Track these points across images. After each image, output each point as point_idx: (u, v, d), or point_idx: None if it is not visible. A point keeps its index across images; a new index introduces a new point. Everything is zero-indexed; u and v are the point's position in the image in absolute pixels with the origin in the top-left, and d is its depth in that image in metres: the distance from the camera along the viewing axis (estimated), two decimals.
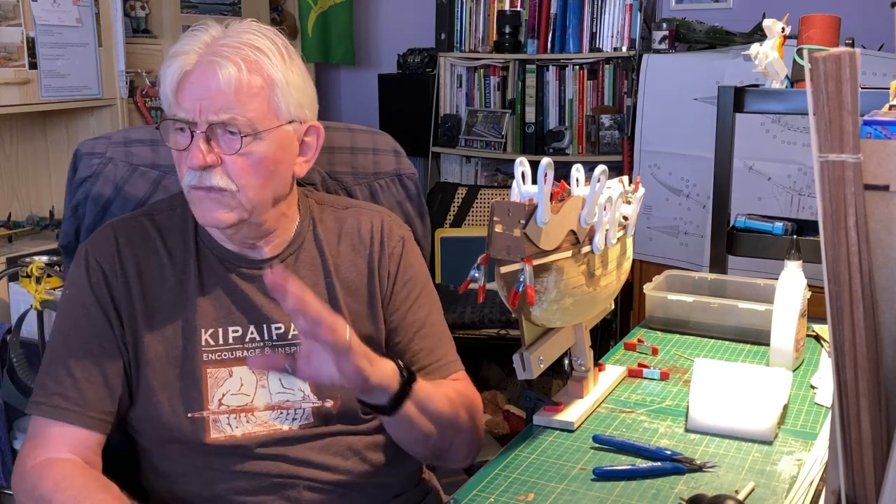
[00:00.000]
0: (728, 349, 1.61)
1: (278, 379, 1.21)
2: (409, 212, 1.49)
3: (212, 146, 1.13)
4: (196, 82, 1.13)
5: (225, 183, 1.14)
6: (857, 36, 1.90)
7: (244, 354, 1.21)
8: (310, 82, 1.23)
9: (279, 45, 1.18)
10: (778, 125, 2.89)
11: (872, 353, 0.68)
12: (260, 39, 1.17)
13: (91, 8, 2.77)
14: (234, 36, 1.16)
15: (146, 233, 1.24)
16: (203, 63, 1.13)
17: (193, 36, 1.17)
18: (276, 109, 1.16)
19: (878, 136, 0.67)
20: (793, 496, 1.08)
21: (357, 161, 1.47)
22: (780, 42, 1.82)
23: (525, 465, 1.18)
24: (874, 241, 0.68)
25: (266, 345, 1.22)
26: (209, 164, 1.13)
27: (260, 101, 1.14)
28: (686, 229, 3.19)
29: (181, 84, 1.14)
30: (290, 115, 1.18)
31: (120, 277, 1.20)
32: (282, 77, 1.16)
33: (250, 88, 1.13)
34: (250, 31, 1.18)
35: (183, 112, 1.13)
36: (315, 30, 4.00)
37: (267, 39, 1.18)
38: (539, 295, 1.16)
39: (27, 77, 2.61)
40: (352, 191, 1.45)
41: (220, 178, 1.14)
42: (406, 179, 1.49)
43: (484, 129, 3.78)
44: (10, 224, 2.80)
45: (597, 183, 1.23)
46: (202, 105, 1.12)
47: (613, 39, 3.54)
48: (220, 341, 1.21)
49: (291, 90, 1.17)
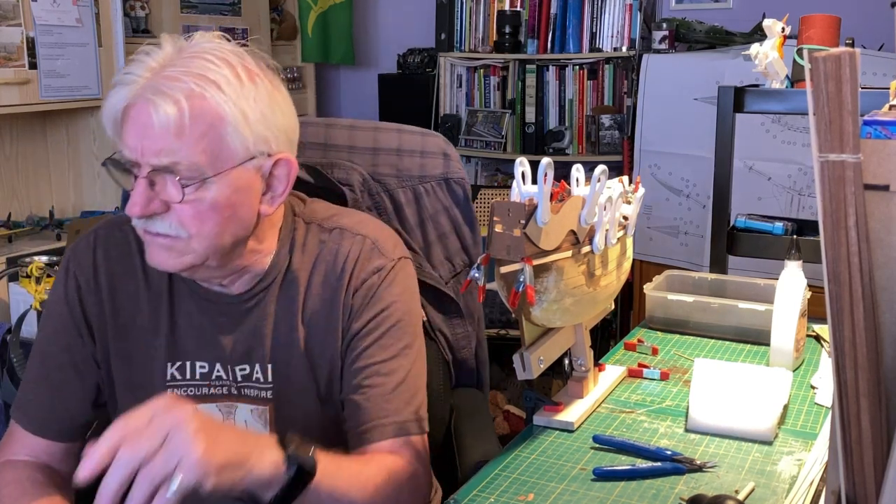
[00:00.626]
0: (728, 349, 1.61)
1: (244, 421, 1.15)
2: (457, 218, 1.45)
3: (156, 191, 1.02)
4: (136, 120, 1.00)
5: (173, 230, 1.04)
6: (857, 36, 1.90)
7: (211, 392, 1.16)
8: (282, 107, 1.09)
9: (238, 71, 1.04)
10: (778, 125, 2.89)
11: (872, 353, 0.68)
12: (212, 66, 1.02)
13: (91, 8, 2.77)
14: (183, 62, 1.02)
15: (127, 247, 1.18)
16: (142, 99, 1.00)
17: (139, 61, 1.03)
18: (228, 149, 1.02)
19: (879, 136, 0.67)
20: (793, 496, 1.08)
21: (403, 163, 1.43)
22: (780, 42, 1.82)
23: (525, 465, 1.18)
24: (874, 241, 0.68)
25: (231, 385, 1.16)
26: (151, 213, 1.02)
27: (208, 142, 1.00)
28: (686, 229, 3.19)
29: (124, 118, 1.02)
30: (250, 151, 1.04)
31: (94, 293, 1.16)
32: (236, 112, 1.01)
33: (194, 129, 0.99)
34: (204, 55, 1.03)
35: (127, 150, 1.02)
36: (315, 30, 4.00)
37: (223, 64, 1.03)
38: (539, 295, 1.16)
39: (27, 77, 2.61)
40: (395, 194, 1.42)
41: (168, 226, 1.04)
42: (454, 184, 1.44)
43: (484, 129, 3.78)
44: (10, 224, 2.80)
45: (597, 183, 1.23)
46: (143, 146, 1.00)
47: (613, 39, 3.54)
48: (187, 376, 1.15)
49: (250, 124, 1.03)
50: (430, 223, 1.46)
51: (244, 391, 1.16)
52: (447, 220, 1.45)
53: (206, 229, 1.04)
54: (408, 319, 1.17)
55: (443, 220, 1.46)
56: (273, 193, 1.10)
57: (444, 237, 1.47)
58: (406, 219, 1.44)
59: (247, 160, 1.04)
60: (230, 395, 1.16)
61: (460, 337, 1.50)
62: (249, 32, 3.55)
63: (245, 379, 1.15)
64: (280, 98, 1.08)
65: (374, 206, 1.43)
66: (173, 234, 1.04)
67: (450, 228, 1.48)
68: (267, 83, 1.07)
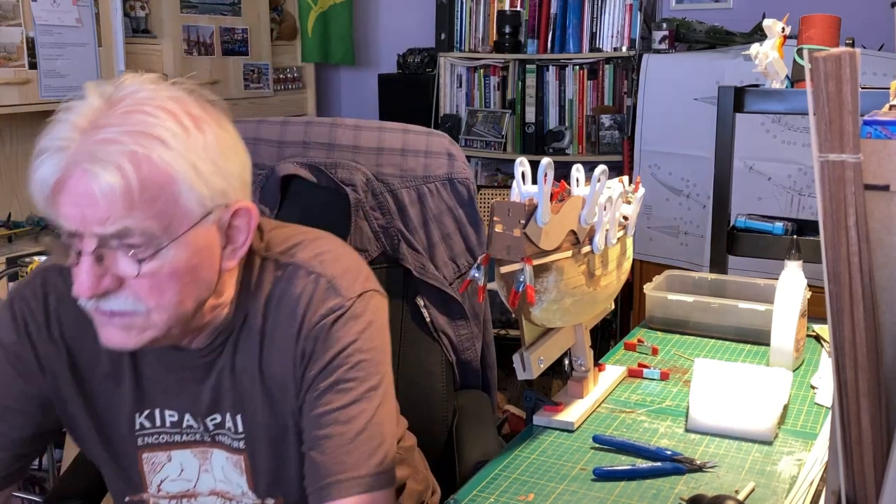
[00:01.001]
0: (728, 349, 1.61)
1: (220, 467, 1.09)
2: (462, 219, 1.45)
3: (106, 265, 0.90)
4: (73, 191, 0.88)
5: (130, 306, 0.93)
6: (857, 36, 1.90)
7: (183, 439, 1.09)
8: (234, 150, 0.98)
9: (182, 120, 0.92)
10: (778, 125, 2.89)
11: (873, 353, 0.68)
12: (153, 119, 0.90)
13: (91, 8, 2.77)
14: (119, 119, 0.90)
15: None
16: (78, 169, 0.88)
17: (64, 121, 0.91)
18: (184, 210, 0.92)
19: (879, 136, 0.67)
20: (793, 496, 1.08)
21: (407, 163, 1.42)
22: (780, 42, 1.82)
23: (525, 465, 1.18)
24: (874, 241, 0.68)
25: (204, 433, 1.08)
26: (103, 292, 0.91)
27: (160, 206, 0.90)
28: (686, 229, 3.19)
29: (57, 190, 0.89)
30: (206, 207, 0.94)
31: (48, 343, 1.07)
32: (187, 168, 0.91)
33: (144, 195, 0.88)
34: (141, 107, 0.91)
35: (63, 220, 0.90)
36: (315, 30, 4.00)
37: (164, 115, 0.91)
38: (539, 295, 1.16)
39: (27, 77, 2.61)
40: (398, 194, 1.42)
41: (123, 302, 0.93)
42: (458, 184, 1.44)
43: (484, 129, 3.78)
44: (10, 224, 2.80)
45: (597, 183, 1.23)
46: (85, 215, 0.88)
47: (613, 39, 3.54)
48: (157, 423, 1.08)
49: (204, 178, 0.93)
50: (434, 223, 1.45)
51: (218, 437, 1.09)
52: (451, 220, 1.44)
53: (167, 300, 0.94)
54: (371, 359, 1.04)
55: (447, 221, 1.46)
56: (234, 245, 1.00)
57: (448, 238, 1.47)
58: (410, 219, 1.44)
59: (204, 217, 0.94)
60: (203, 441, 1.09)
61: (464, 338, 1.50)
62: (249, 32, 3.55)
63: (217, 427, 1.08)
64: (230, 139, 0.98)
65: (378, 207, 1.42)
66: (130, 310, 0.93)
67: (454, 229, 1.47)
68: (214, 126, 0.96)
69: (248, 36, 3.55)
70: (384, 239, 1.44)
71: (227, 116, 1.00)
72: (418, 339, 1.48)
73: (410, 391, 1.44)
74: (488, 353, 1.56)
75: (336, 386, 1.02)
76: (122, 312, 0.93)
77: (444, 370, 1.48)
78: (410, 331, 1.47)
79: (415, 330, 1.48)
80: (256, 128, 1.48)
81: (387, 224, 1.44)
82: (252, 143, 1.42)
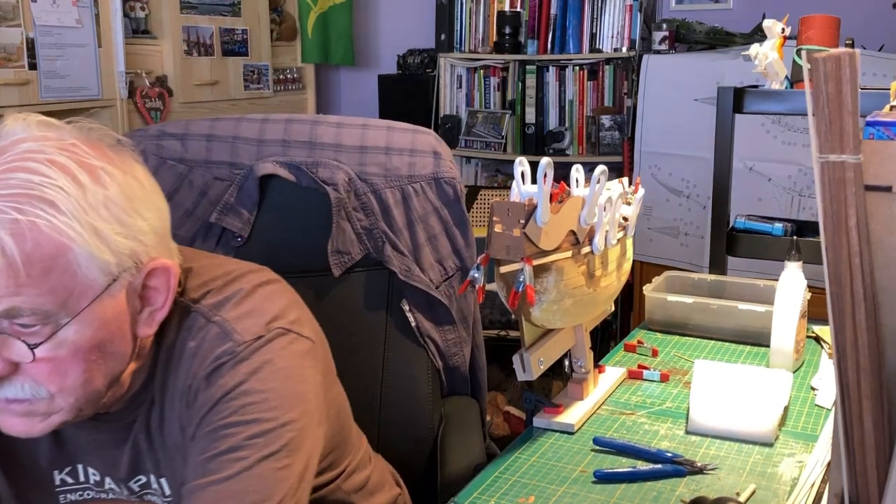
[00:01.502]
0: (728, 351, 1.61)
1: None
2: (448, 220, 1.41)
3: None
4: None
5: (28, 392, 0.82)
6: (857, 36, 1.89)
7: (110, 496, 1.00)
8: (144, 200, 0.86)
9: (75, 173, 0.79)
10: (778, 126, 2.89)
11: (875, 354, 0.68)
12: (39, 177, 0.77)
13: (91, 8, 2.77)
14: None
15: None
16: None
17: None
18: (84, 281, 0.80)
19: (881, 137, 0.67)
20: (794, 498, 1.08)
21: (391, 162, 1.38)
22: (780, 42, 1.82)
23: (525, 467, 1.17)
24: (875, 243, 0.67)
25: (133, 495, 0.99)
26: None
27: (55, 281, 0.78)
28: (686, 230, 3.18)
29: None
30: (112, 274, 0.82)
31: None
32: (83, 232, 0.79)
33: (32, 270, 0.77)
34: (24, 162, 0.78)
35: None
36: (315, 30, 3.99)
37: (53, 169, 0.78)
38: (539, 295, 1.16)
39: (27, 78, 2.61)
40: (382, 194, 1.38)
41: (20, 389, 0.82)
42: (444, 184, 1.40)
43: (484, 129, 3.77)
44: None
45: (596, 183, 1.22)
46: None
47: (613, 40, 3.53)
48: (81, 479, 1.00)
49: (107, 241, 0.81)
50: (419, 224, 1.41)
51: (148, 496, 1.00)
52: (438, 221, 1.40)
53: (71, 381, 0.83)
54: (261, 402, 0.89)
55: (433, 222, 1.41)
56: (152, 308, 0.89)
57: (434, 239, 1.42)
58: (394, 220, 1.39)
59: (109, 286, 0.83)
60: (131, 499, 1.00)
61: (451, 343, 1.45)
62: (249, 33, 3.55)
63: (143, 488, 0.99)
64: (139, 188, 0.86)
65: (361, 207, 1.38)
66: (28, 396, 0.83)
67: (440, 230, 1.43)
68: (119, 175, 0.84)
69: (248, 36, 3.54)
70: (367, 241, 1.39)
71: (136, 159, 0.88)
72: (403, 345, 1.42)
73: (394, 398, 1.41)
74: (479, 357, 1.51)
75: (215, 433, 0.88)
76: (19, 400, 0.83)
77: (430, 376, 1.43)
78: (394, 336, 1.42)
79: (399, 335, 1.42)
80: (235, 126, 1.42)
81: (370, 225, 1.39)
82: (230, 142, 1.39)
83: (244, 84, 3.55)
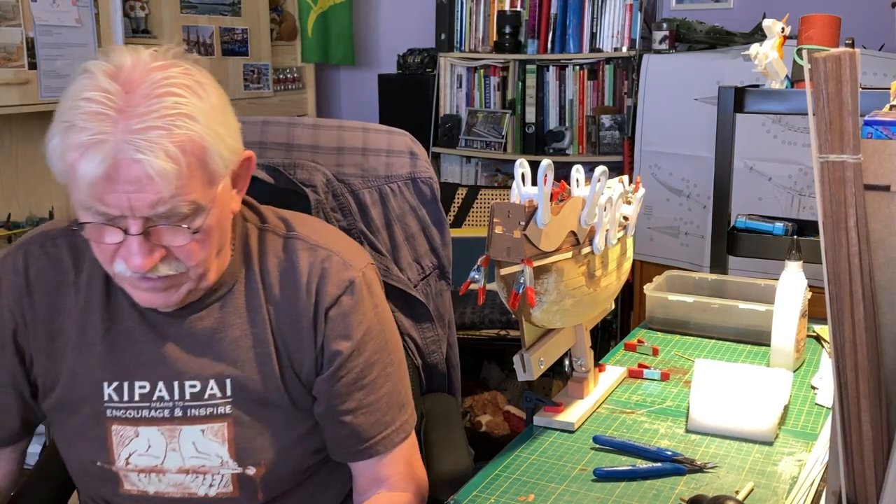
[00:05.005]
0: (728, 350, 1.61)
1: (192, 443, 1.10)
2: (425, 219, 1.42)
3: (153, 240, 0.97)
4: (123, 179, 0.93)
5: (174, 268, 1.01)
6: (857, 36, 1.89)
7: (151, 415, 1.10)
8: (227, 104, 1.04)
9: (196, 90, 0.98)
10: (778, 125, 2.89)
11: (873, 353, 0.68)
12: (178, 98, 0.95)
13: (90, 8, 2.77)
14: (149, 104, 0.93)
15: (60, 264, 1.12)
16: (127, 159, 0.92)
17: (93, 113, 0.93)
18: (216, 173, 1.00)
19: (880, 137, 0.67)
20: (793, 497, 1.08)
21: (368, 162, 1.39)
22: (780, 42, 1.82)
23: (525, 465, 1.18)
24: (875, 242, 0.68)
25: (175, 405, 1.10)
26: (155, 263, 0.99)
27: (200, 175, 0.97)
28: (686, 229, 3.19)
29: (103, 180, 0.93)
30: (228, 165, 1.02)
31: (27, 313, 1.11)
32: (212, 134, 0.98)
33: (191, 170, 0.95)
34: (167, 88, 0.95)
35: (106, 207, 0.94)
36: (315, 30, 3.99)
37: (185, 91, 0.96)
38: (539, 296, 1.16)
39: (27, 77, 2.61)
40: (360, 194, 1.39)
41: (171, 267, 1.01)
42: (421, 183, 1.41)
43: (484, 129, 3.77)
44: (10, 224, 2.80)
45: (597, 183, 1.22)
46: (132, 200, 0.94)
47: (614, 39, 3.54)
48: (125, 397, 1.10)
49: (223, 140, 1.00)
50: (397, 224, 1.42)
51: (190, 412, 1.10)
52: (415, 220, 1.41)
53: (204, 255, 1.02)
54: (385, 328, 1.17)
55: (410, 221, 1.43)
56: (238, 188, 1.09)
57: (411, 238, 1.43)
58: (372, 220, 1.40)
59: (227, 174, 1.03)
60: (173, 417, 1.10)
61: (430, 341, 1.46)
62: (249, 33, 3.55)
63: (194, 398, 1.10)
64: (220, 92, 1.03)
65: (339, 208, 1.39)
66: (173, 272, 1.01)
67: (418, 229, 1.44)
68: (213, 87, 1.02)
69: (247, 36, 3.54)
70: None
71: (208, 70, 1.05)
72: None
73: None
74: (452, 354, 1.52)
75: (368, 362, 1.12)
76: (168, 276, 1.01)
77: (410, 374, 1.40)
78: None
79: None
80: None
81: (349, 226, 1.39)
82: None
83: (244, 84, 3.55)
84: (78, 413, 1.11)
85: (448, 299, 1.49)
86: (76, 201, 0.98)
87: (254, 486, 1.12)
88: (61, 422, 1.14)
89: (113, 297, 1.11)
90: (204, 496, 1.11)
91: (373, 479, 1.16)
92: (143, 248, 0.97)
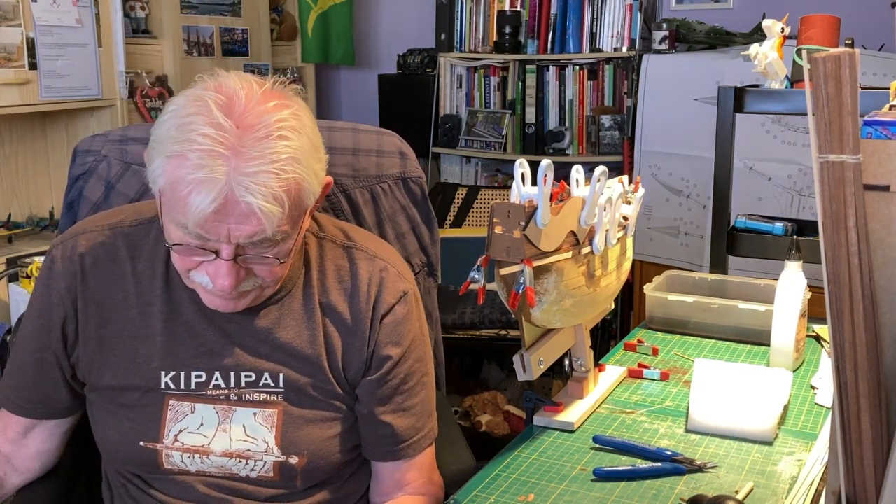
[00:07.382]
0: (728, 350, 1.61)
1: (243, 425, 1.14)
2: (415, 218, 1.44)
3: (240, 263, 1.04)
4: (232, 213, 0.98)
5: (252, 284, 1.07)
6: (857, 36, 1.90)
7: (208, 394, 1.14)
8: (320, 136, 1.08)
9: (299, 130, 1.02)
10: (778, 125, 2.89)
11: (873, 353, 0.68)
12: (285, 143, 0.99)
13: (91, 8, 2.77)
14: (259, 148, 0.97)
15: (116, 254, 1.16)
16: (234, 199, 0.96)
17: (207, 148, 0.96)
18: (303, 206, 1.05)
19: (879, 137, 0.67)
20: (793, 497, 1.08)
21: (359, 163, 1.41)
22: (780, 42, 1.82)
23: (525, 465, 1.18)
24: (874, 242, 0.68)
25: (231, 392, 1.14)
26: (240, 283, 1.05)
27: (296, 212, 1.03)
28: (686, 229, 3.19)
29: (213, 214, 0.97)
30: (315, 199, 1.08)
31: (80, 300, 1.15)
32: (310, 173, 1.03)
33: (291, 209, 1.01)
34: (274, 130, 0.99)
35: (206, 233, 0.99)
36: (315, 30, 4.00)
37: (291, 134, 1.00)
38: (539, 296, 1.16)
39: (27, 77, 2.61)
40: (352, 194, 1.40)
41: (247, 283, 1.07)
42: (411, 183, 1.43)
43: (484, 129, 3.78)
44: (10, 224, 2.80)
45: (596, 183, 1.22)
46: (232, 231, 0.99)
47: (613, 40, 3.54)
48: (182, 386, 1.14)
49: (318, 174, 1.06)
50: (388, 223, 1.43)
51: (245, 397, 1.14)
52: (405, 219, 1.43)
53: (283, 273, 1.10)
54: (425, 340, 1.24)
55: (401, 220, 1.44)
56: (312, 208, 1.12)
57: (402, 237, 1.45)
58: (364, 219, 1.41)
59: (313, 203, 1.08)
60: (229, 400, 1.14)
61: None
62: (249, 33, 3.55)
63: (250, 385, 1.14)
64: (315, 125, 1.08)
65: (331, 208, 1.40)
66: (251, 288, 1.08)
67: (408, 228, 1.45)
68: (309, 120, 1.06)
69: (248, 36, 3.54)
70: None
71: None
72: None
73: None
74: (438, 351, 1.53)
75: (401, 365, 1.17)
76: (246, 291, 1.07)
77: None
78: None
79: None
80: None
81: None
82: None
83: None
84: (131, 394, 1.14)
85: (435, 296, 1.51)
86: (172, 219, 1.01)
87: (294, 473, 1.15)
88: (107, 401, 1.16)
89: (172, 290, 1.15)
90: (245, 476, 1.15)
91: (397, 481, 1.22)
92: (232, 272, 1.03)
